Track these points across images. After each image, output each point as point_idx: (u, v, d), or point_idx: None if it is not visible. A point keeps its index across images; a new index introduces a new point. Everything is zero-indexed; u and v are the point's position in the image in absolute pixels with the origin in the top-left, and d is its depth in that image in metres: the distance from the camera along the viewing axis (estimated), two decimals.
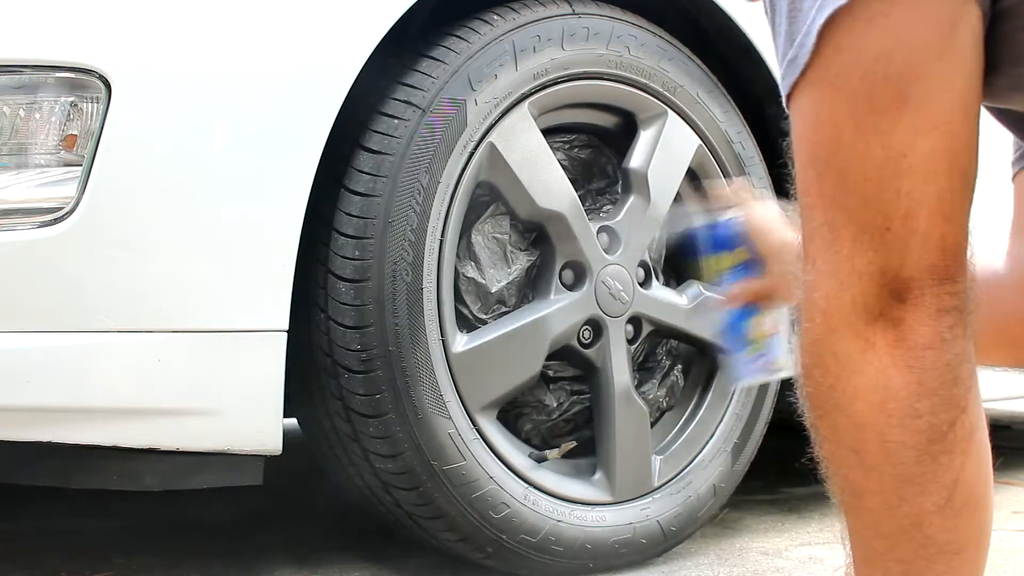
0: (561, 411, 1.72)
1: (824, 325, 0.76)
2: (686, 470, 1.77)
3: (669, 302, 1.77)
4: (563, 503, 1.63)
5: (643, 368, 1.82)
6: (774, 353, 1.22)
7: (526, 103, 1.60)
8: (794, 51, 0.76)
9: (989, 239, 1.14)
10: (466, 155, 1.55)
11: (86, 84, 1.32)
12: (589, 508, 1.66)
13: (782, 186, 1.91)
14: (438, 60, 1.54)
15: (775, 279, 1.21)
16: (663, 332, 1.80)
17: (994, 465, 0.81)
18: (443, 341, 1.53)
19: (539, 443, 1.70)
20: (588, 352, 1.69)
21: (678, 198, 1.78)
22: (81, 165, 1.31)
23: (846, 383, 0.75)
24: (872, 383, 0.74)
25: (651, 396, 1.80)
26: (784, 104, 0.79)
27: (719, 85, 1.81)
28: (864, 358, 0.74)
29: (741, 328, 1.21)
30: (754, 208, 1.28)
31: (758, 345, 1.21)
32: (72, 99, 1.32)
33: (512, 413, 1.68)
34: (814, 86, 0.75)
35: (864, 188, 0.74)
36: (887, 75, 0.73)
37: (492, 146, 1.57)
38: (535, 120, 1.62)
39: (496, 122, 1.57)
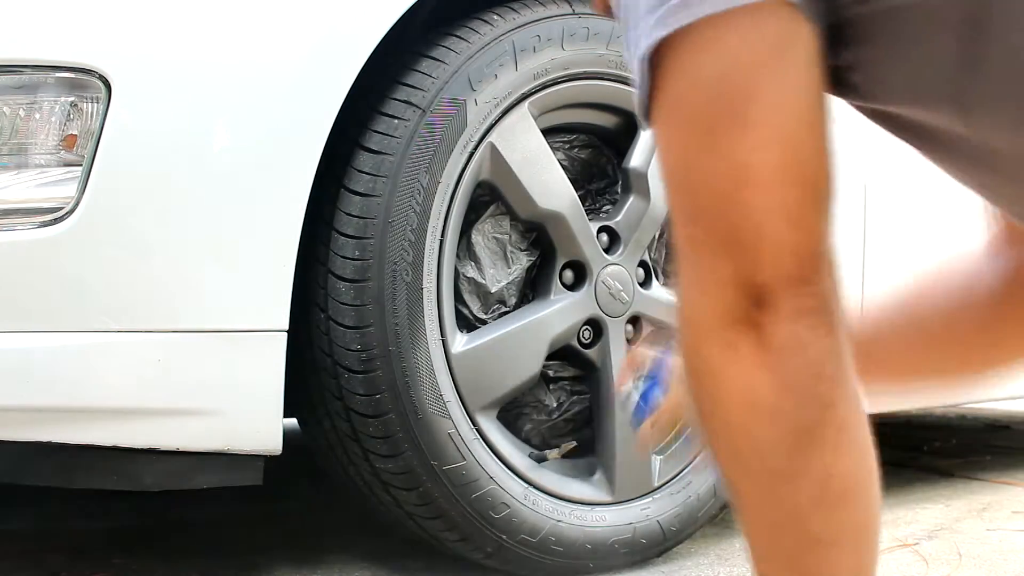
0: (561, 411, 1.72)
1: (693, 335, 0.80)
2: (686, 470, 1.77)
3: (669, 302, 1.77)
4: (563, 503, 1.63)
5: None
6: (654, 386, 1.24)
7: (526, 103, 1.60)
8: (639, 77, 0.80)
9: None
10: (466, 155, 1.55)
11: (86, 84, 1.32)
12: (589, 508, 1.66)
13: None
14: (438, 60, 1.54)
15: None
16: (663, 332, 1.79)
17: (987, 465, 0.83)
18: (443, 341, 1.53)
19: (539, 443, 1.70)
20: (588, 352, 1.69)
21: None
22: (81, 165, 1.31)
23: (716, 388, 0.79)
24: (738, 386, 0.78)
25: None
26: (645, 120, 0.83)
27: None
28: (730, 363, 0.78)
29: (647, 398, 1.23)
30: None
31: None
32: (72, 99, 1.32)
33: (512, 413, 1.68)
34: (661, 110, 0.80)
35: (714, 203, 0.78)
36: (723, 97, 0.76)
37: (492, 146, 1.57)
38: (535, 120, 1.62)
39: (496, 122, 1.57)
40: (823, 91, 0.79)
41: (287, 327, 1.40)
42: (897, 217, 2.05)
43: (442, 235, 1.53)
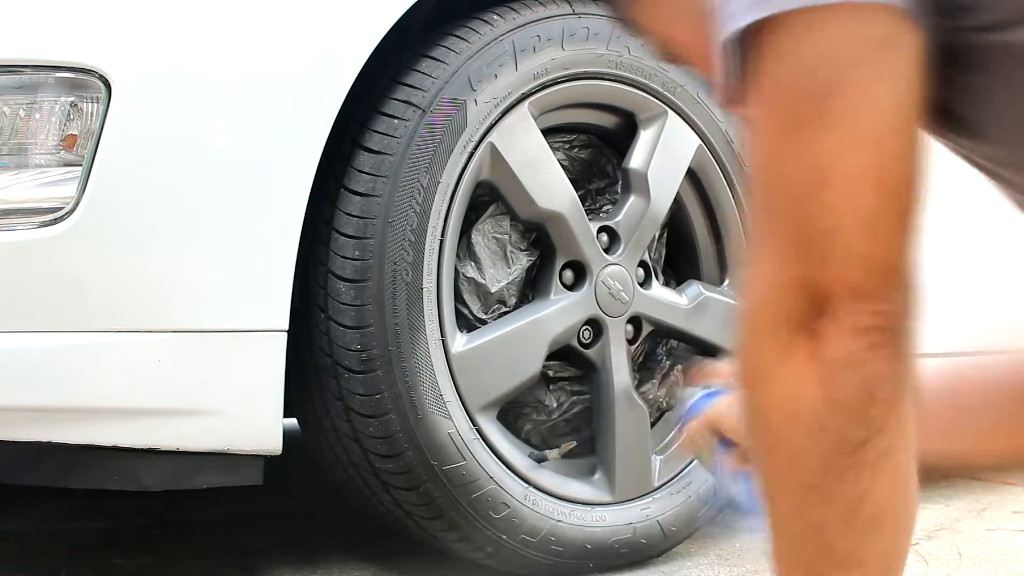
0: (561, 411, 1.72)
1: (750, 331, 0.78)
2: (686, 470, 1.77)
3: (669, 302, 1.77)
4: (563, 503, 1.63)
5: (643, 368, 1.82)
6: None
7: (526, 103, 1.60)
8: (726, 58, 0.78)
9: None
10: (466, 155, 1.55)
11: (86, 84, 1.32)
12: (589, 508, 1.66)
13: None
14: (438, 60, 1.54)
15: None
16: (663, 332, 1.80)
17: None
18: (443, 341, 1.53)
19: (539, 443, 1.70)
20: (588, 352, 1.69)
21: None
22: (81, 165, 1.31)
23: (764, 390, 0.77)
24: (785, 392, 0.76)
25: (651, 396, 1.80)
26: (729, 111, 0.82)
27: None
28: (781, 367, 0.76)
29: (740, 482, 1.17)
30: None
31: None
32: (72, 99, 1.32)
33: (512, 413, 1.68)
34: (750, 95, 0.77)
35: (791, 199, 0.76)
36: (814, 89, 0.74)
37: (492, 146, 1.57)
38: (535, 120, 1.62)
39: (496, 122, 1.57)
40: (920, 102, 0.76)
41: (287, 327, 1.40)
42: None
43: (442, 235, 1.53)
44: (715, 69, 0.80)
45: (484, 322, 1.62)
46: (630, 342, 1.73)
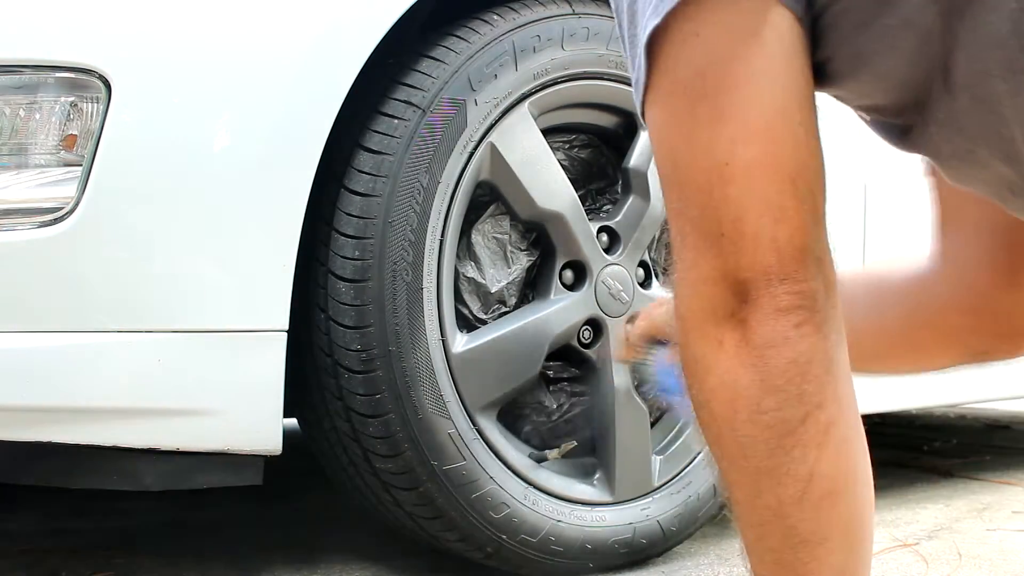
0: (561, 412, 1.72)
1: (683, 329, 0.81)
2: (686, 470, 1.77)
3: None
4: (563, 503, 1.63)
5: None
6: None
7: (526, 103, 1.60)
8: (635, 73, 0.81)
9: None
10: (466, 155, 1.55)
11: (86, 84, 1.32)
12: (589, 508, 1.66)
13: None
14: (438, 60, 1.54)
15: None
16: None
17: (986, 465, 0.82)
18: (443, 341, 1.53)
19: (539, 444, 1.70)
20: (588, 352, 1.69)
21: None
22: (81, 165, 1.31)
23: (703, 382, 0.80)
24: (722, 381, 0.79)
25: (651, 396, 1.80)
26: (643, 120, 0.84)
27: None
28: (715, 358, 0.79)
29: (671, 374, 1.21)
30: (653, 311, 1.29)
31: None
32: (72, 99, 1.32)
33: (512, 414, 1.68)
34: (651, 106, 0.81)
35: (698, 197, 0.78)
36: (703, 91, 0.77)
37: (492, 146, 1.57)
38: (535, 120, 1.62)
39: (496, 122, 1.57)
40: (807, 84, 0.79)
41: (287, 327, 1.40)
42: (897, 217, 2.05)
43: (442, 235, 1.53)
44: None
45: (484, 322, 1.62)
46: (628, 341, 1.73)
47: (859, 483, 0.80)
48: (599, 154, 1.79)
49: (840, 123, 1.00)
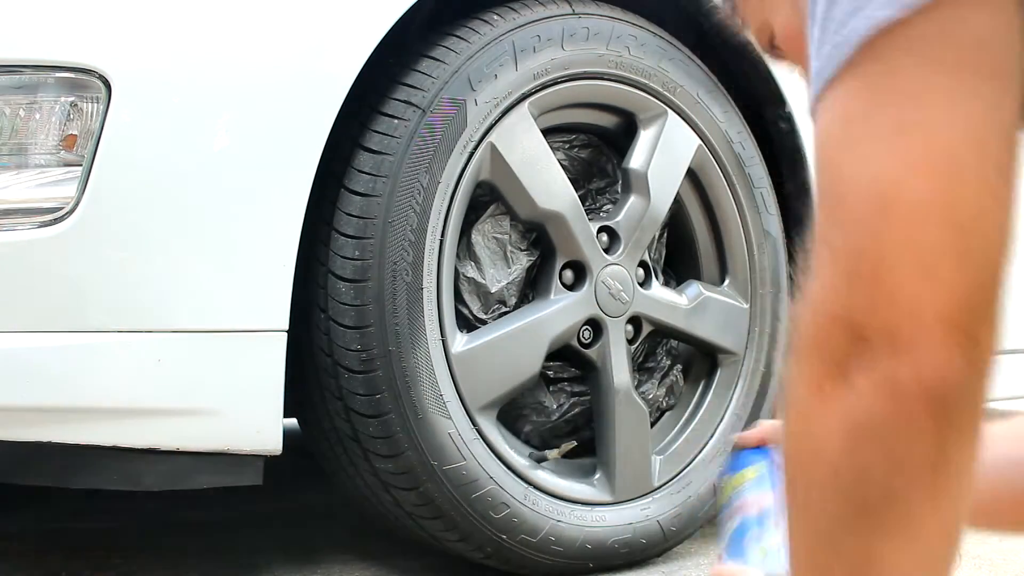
0: (561, 412, 1.72)
1: (792, 357, 0.69)
2: (686, 470, 1.77)
3: (669, 302, 1.77)
4: (563, 503, 1.63)
5: (643, 368, 1.82)
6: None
7: (526, 103, 1.60)
8: (819, 62, 0.68)
9: None
10: (466, 155, 1.55)
11: (86, 84, 1.32)
12: (589, 508, 1.66)
13: (781, 186, 1.92)
14: (438, 60, 1.54)
15: None
16: (663, 332, 1.80)
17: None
18: (443, 341, 1.53)
19: (539, 444, 1.70)
20: (588, 352, 1.69)
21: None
22: (81, 165, 1.31)
23: (793, 420, 0.69)
24: (810, 429, 0.67)
25: (651, 396, 1.80)
26: (812, 118, 0.70)
27: (719, 85, 1.81)
28: (810, 402, 0.67)
29: (742, 537, 1.06)
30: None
31: (759, 556, 1.09)
32: (72, 99, 1.32)
33: (512, 414, 1.68)
34: (823, 102, 0.67)
35: (846, 224, 0.65)
36: (889, 95, 0.63)
37: (492, 146, 1.57)
38: (535, 120, 1.62)
39: (496, 122, 1.57)
40: (1017, 118, 0.64)
41: (287, 327, 1.40)
42: None
43: (442, 235, 1.53)
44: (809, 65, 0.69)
45: (484, 322, 1.62)
46: (630, 342, 1.73)
47: None
48: (599, 154, 1.79)
49: None
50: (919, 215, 0.61)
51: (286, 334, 1.40)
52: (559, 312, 1.64)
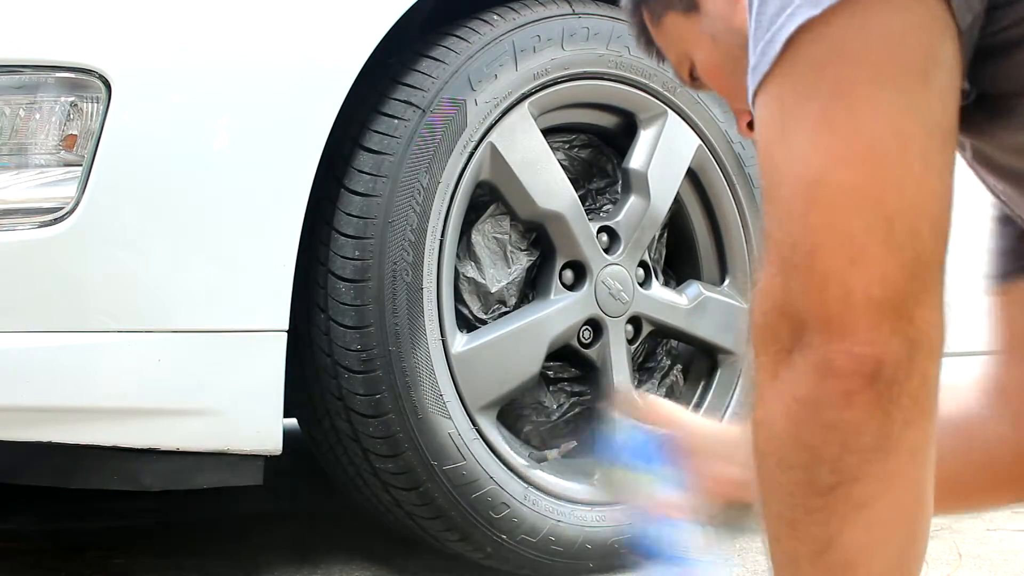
0: (561, 412, 1.72)
1: (749, 345, 0.71)
2: None
3: (669, 302, 1.77)
4: (563, 503, 1.63)
5: (643, 368, 1.82)
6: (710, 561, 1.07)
7: (526, 103, 1.60)
8: (755, 58, 0.70)
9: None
10: (466, 155, 1.55)
11: (86, 84, 1.32)
12: (589, 508, 1.65)
13: None
14: (438, 60, 1.54)
15: (698, 493, 1.08)
16: (663, 332, 1.80)
17: None
18: (443, 341, 1.53)
19: (539, 444, 1.70)
20: (588, 352, 1.69)
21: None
22: (81, 165, 1.31)
23: (754, 405, 0.71)
24: (765, 417, 0.70)
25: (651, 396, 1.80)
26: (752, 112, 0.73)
27: None
28: (765, 389, 0.69)
29: (666, 542, 1.05)
30: (683, 426, 1.14)
31: (690, 552, 1.05)
32: (72, 99, 1.32)
33: (512, 414, 1.68)
34: (760, 96, 0.70)
35: (781, 214, 0.68)
36: (816, 88, 0.66)
37: (492, 146, 1.57)
38: (535, 120, 1.62)
39: (496, 122, 1.57)
40: (945, 113, 0.66)
41: (287, 327, 1.40)
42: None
43: (442, 235, 1.53)
44: (737, 83, 0.73)
45: (484, 322, 1.62)
46: (630, 342, 1.73)
47: (894, 568, 0.70)
48: (599, 154, 1.79)
49: None
50: (844, 204, 0.64)
51: (286, 334, 1.40)
52: (559, 312, 1.64)
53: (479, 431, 1.56)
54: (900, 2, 0.64)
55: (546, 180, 1.62)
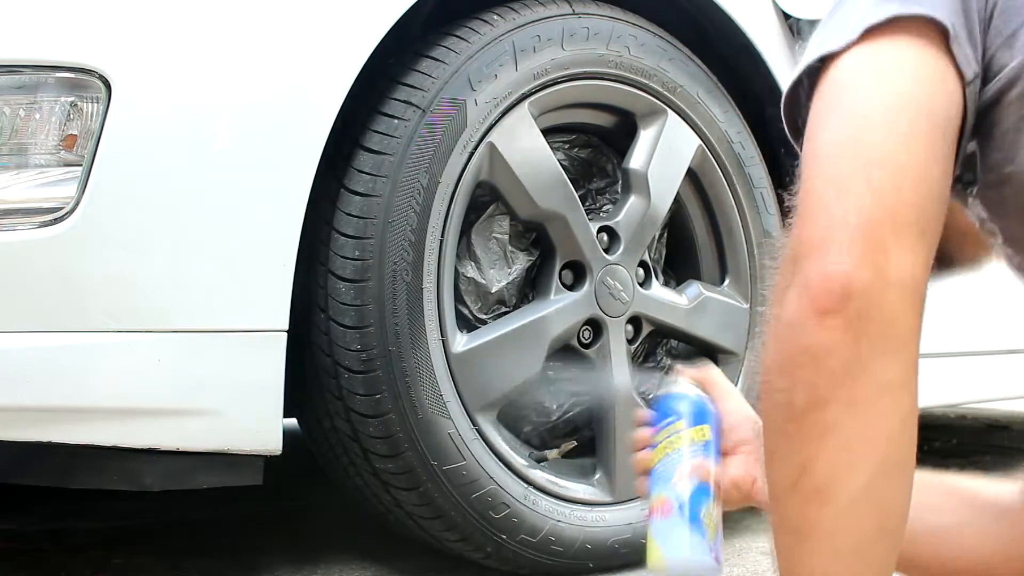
0: (561, 412, 1.72)
1: (771, 301, 0.81)
2: None
3: (669, 302, 1.77)
4: (563, 503, 1.63)
5: (643, 368, 1.82)
6: (717, 552, 1.07)
7: (526, 103, 1.60)
8: (814, 50, 0.82)
9: None
10: (466, 155, 1.55)
11: (86, 84, 1.32)
12: (589, 508, 1.66)
13: (782, 186, 1.91)
14: (438, 60, 1.54)
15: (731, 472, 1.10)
16: (663, 332, 1.80)
17: (987, 465, 0.80)
18: (443, 341, 1.53)
19: (539, 444, 1.70)
20: (588, 352, 1.69)
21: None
22: (81, 165, 1.31)
23: (763, 350, 0.80)
24: (766, 343, 0.78)
25: (651, 396, 1.80)
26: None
27: (719, 85, 1.81)
28: (773, 320, 0.78)
29: (700, 504, 1.06)
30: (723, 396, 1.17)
31: (712, 532, 1.06)
32: (72, 99, 1.32)
33: (512, 414, 1.68)
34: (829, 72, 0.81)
35: (801, 181, 0.78)
36: (831, 95, 0.79)
37: (492, 146, 1.57)
38: (535, 120, 1.62)
39: (496, 122, 1.57)
40: (939, 104, 0.77)
41: (287, 327, 1.40)
42: None
43: (442, 235, 1.53)
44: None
45: (484, 322, 1.62)
46: (630, 342, 1.73)
47: (861, 498, 0.74)
48: (599, 154, 1.79)
49: None
50: (834, 155, 0.75)
51: (286, 334, 1.40)
52: (559, 312, 1.64)
53: (479, 431, 1.56)
54: (892, 44, 0.78)
55: (546, 180, 1.62)
